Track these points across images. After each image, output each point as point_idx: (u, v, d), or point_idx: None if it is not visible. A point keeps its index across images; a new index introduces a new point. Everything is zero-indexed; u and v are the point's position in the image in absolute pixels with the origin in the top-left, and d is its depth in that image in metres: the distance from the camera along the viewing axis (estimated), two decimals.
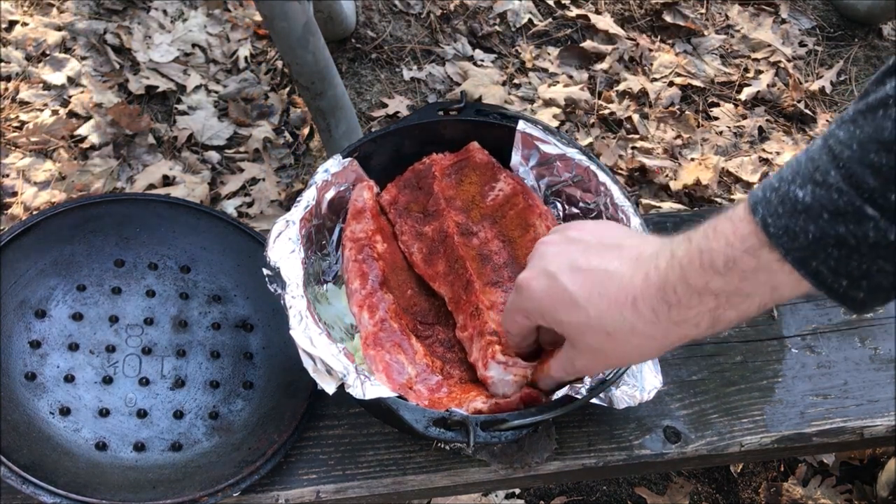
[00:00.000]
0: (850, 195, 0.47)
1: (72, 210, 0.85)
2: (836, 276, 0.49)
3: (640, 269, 0.59)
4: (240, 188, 1.69)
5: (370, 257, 0.80)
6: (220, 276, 0.90)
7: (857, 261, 0.48)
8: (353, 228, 0.81)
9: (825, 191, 0.48)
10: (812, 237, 0.49)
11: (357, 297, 0.77)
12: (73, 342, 0.82)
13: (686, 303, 0.56)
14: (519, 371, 0.73)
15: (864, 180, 0.46)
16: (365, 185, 0.84)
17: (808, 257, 0.50)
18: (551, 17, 2.09)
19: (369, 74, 1.92)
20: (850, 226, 0.47)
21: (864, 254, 0.48)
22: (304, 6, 1.37)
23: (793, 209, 0.49)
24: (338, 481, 0.80)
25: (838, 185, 0.47)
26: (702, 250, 0.55)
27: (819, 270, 0.50)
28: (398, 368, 0.73)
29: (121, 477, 0.76)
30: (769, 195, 0.51)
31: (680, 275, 0.56)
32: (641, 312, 0.58)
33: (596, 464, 0.83)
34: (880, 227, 0.46)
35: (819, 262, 0.49)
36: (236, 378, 0.85)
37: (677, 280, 0.56)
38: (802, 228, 0.49)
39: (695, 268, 0.55)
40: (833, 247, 0.48)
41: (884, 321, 0.97)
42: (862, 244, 0.47)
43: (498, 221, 0.87)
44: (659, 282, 0.57)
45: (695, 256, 0.55)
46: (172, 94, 1.80)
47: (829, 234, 0.48)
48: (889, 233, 0.46)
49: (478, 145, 0.90)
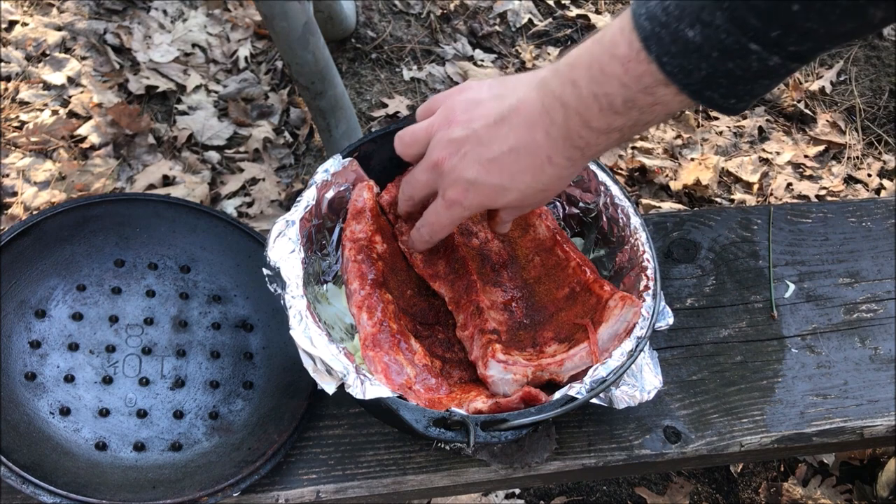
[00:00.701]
0: (736, 35, 0.52)
1: (72, 210, 0.85)
2: (726, 98, 0.57)
3: (540, 131, 0.64)
4: (240, 188, 1.69)
5: (370, 258, 0.80)
6: (220, 276, 0.90)
7: (744, 85, 0.56)
8: (352, 228, 0.81)
9: (713, 31, 0.53)
10: (705, 73, 0.55)
11: (356, 297, 0.77)
12: (73, 342, 0.82)
13: (594, 142, 0.63)
14: (519, 370, 0.73)
15: (747, 21, 0.51)
16: (365, 186, 0.84)
17: (702, 89, 0.56)
18: (551, 17, 2.09)
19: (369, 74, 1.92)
20: (737, 60, 0.53)
21: (748, 79, 0.55)
22: (304, 6, 1.37)
23: (685, 48, 0.54)
24: (338, 481, 0.80)
25: (725, 27, 0.52)
26: (597, 95, 0.59)
27: (712, 97, 0.57)
28: (397, 369, 0.73)
29: (121, 477, 0.76)
30: (659, 31, 0.55)
31: (581, 122, 0.61)
32: (559, 163, 0.65)
33: (596, 464, 0.83)
34: (763, 57, 0.53)
35: (712, 90, 0.56)
36: (236, 378, 0.85)
37: (580, 127, 0.61)
38: (696, 66, 0.55)
39: (594, 113, 0.60)
40: (723, 77, 0.55)
41: (884, 321, 0.97)
42: (747, 73, 0.54)
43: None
44: (563, 134, 0.63)
45: (591, 103, 0.60)
46: (172, 94, 1.80)
47: (720, 69, 0.54)
48: (769, 60, 0.53)
49: None
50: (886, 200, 1.09)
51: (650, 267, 0.80)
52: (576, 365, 0.74)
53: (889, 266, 1.02)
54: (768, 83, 0.56)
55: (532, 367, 0.74)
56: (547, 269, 0.84)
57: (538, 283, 0.84)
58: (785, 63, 0.54)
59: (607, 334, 0.74)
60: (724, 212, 1.05)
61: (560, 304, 0.81)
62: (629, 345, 0.73)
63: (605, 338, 0.74)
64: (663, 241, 1.01)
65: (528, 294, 0.84)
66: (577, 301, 0.80)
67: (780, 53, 0.53)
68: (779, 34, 0.51)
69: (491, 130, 0.66)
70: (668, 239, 1.01)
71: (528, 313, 0.82)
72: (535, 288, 0.84)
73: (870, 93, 2.12)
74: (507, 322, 0.81)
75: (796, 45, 0.52)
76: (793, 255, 1.01)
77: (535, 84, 0.64)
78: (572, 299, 0.80)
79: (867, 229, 1.05)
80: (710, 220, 1.03)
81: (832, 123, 2.04)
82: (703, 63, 0.54)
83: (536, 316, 0.82)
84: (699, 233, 1.02)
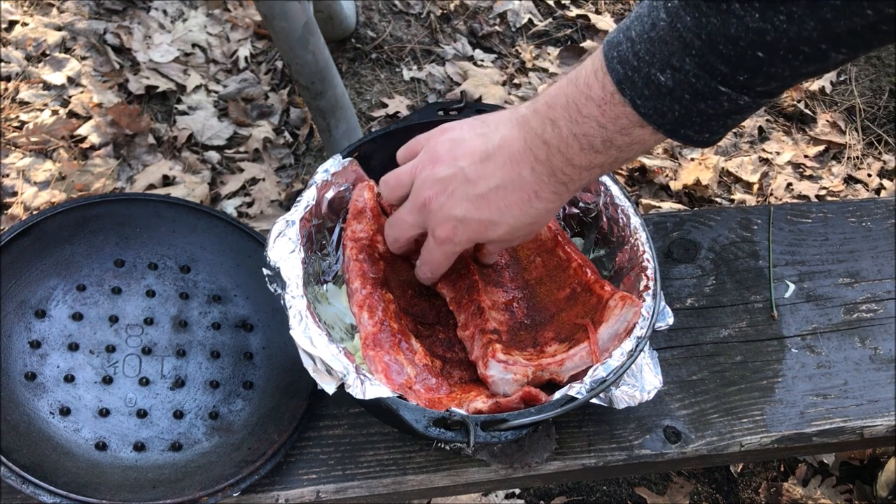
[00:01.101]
0: (705, 79, 0.54)
1: (72, 210, 0.85)
2: (701, 133, 0.59)
3: (525, 167, 0.65)
4: (240, 188, 1.69)
5: (371, 257, 0.80)
6: (220, 276, 0.90)
7: (716, 121, 0.58)
8: (353, 228, 0.81)
9: (683, 76, 0.55)
10: (678, 114, 0.57)
11: (357, 296, 0.77)
12: (73, 342, 0.82)
13: (577, 178, 0.65)
14: (519, 370, 0.73)
15: (715, 67, 0.54)
16: (366, 186, 0.84)
17: (677, 127, 0.58)
18: (551, 17, 2.09)
19: (369, 74, 1.92)
20: (708, 101, 0.56)
21: (720, 116, 0.58)
22: (304, 6, 1.37)
23: (658, 92, 0.56)
24: (338, 481, 0.80)
25: (695, 72, 0.54)
26: (576, 135, 0.61)
27: (687, 134, 0.59)
28: (397, 369, 0.73)
29: (121, 477, 0.76)
30: (632, 75, 0.57)
31: (563, 160, 0.63)
32: (546, 197, 0.66)
33: (596, 464, 0.83)
34: (733, 98, 0.55)
35: (686, 128, 0.59)
36: (236, 378, 0.85)
37: (563, 164, 0.64)
38: (669, 108, 0.57)
39: (575, 151, 0.62)
40: (696, 117, 0.57)
41: (884, 321, 0.97)
42: (719, 111, 0.57)
43: None
44: (548, 170, 0.64)
45: (572, 142, 0.62)
46: (172, 94, 1.80)
47: (692, 110, 0.57)
48: (739, 100, 0.56)
49: None
50: (886, 200, 1.09)
51: (650, 267, 0.80)
52: (576, 365, 0.74)
53: (889, 266, 1.02)
54: (740, 118, 0.59)
55: (532, 367, 0.74)
56: (548, 270, 0.84)
57: (539, 283, 0.84)
58: (755, 101, 0.56)
59: (607, 334, 0.74)
60: (724, 212, 1.05)
61: (561, 304, 0.81)
62: (629, 345, 0.73)
63: (605, 337, 0.74)
64: (663, 241, 1.01)
65: (529, 295, 0.84)
66: (577, 301, 0.80)
67: (749, 94, 0.55)
68: (746, 78, 0.54)
69: (477, 168, 0.67)
70: (668, 239, 1.01)
71: (529, 313, 0.82)
72: (536, 289, 0.84)
73: (870, 93, 2.12)
74: (508, 322, 0.81)
75: (764, 86, 0.55)
76: (793, 255, 1.01)
77: (515, 122, 0.66)
78: (573, 300, 0.80)
79: (867, 229, 1.05)
80: (710, 220, 1.03)
81: (832, 123, 2.04)
82: (676, 105, 0.57)
83: (537, 316, 0.82)
84: (699, 233, 1.02)
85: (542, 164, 0.64)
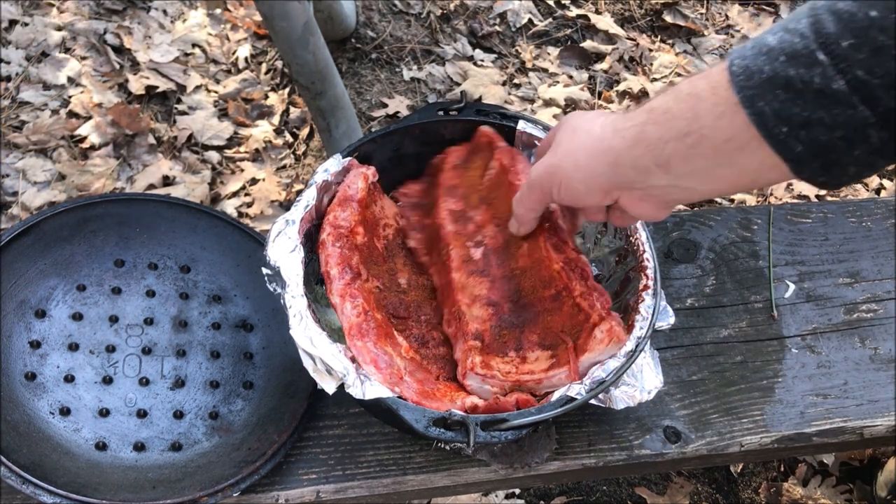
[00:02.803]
0: (808, 39, 0.49)
1: (72, 210, 0.85)
2: (778, 119, 0.51)
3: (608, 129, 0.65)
4: (240, 188, 1.69)
5: (346, 247, 0.79)
6: (219, 276, 0.90)
7: (800, 107, 0.50)
8: (336, 214, 0.80)
9: (790, 35, 0.50)
10: (765, 76, 0.51)
11: (336, 285, 0.76)
12: (73, 342, 0.82)
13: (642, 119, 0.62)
14: (496, 384, 0.74)
15: (825, 26, 0.48)
16: (360, 174, 0.83)
17: (756, 96, 0.52)
18: (551, 17, 2.09)
19: (369, 74, 1.92)
20: (800, 69, 0.49)
21: (807, 100, 0.50)
22: (304, 6, 1.37)
23: (758, 52, 0.52)
24: (338, 481, 0.80)
25: (802, 31, 0.50)
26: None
27: (763, 111, 0.52)
28: (386, 360, 0.73)
29: (121, 477, 0.76)
30: (747, 44, 0.54)
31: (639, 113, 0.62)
32: (603, 127, 0.65)
33: (596, 464, 0.83)
34: (827, 75, 0.48)
35: (765, 102, 0.52)
36: (236, 378, 0.85)
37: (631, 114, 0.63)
38: (759, 68, 0.52)
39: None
40: (781, 88, 0.51)
41: (884, 321, 0.97)
42: (807, 89, 0.49)
43: (492, 203, 0.86)
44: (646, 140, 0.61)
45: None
46: (172, 94, 1.80)
47: (780, 74, 0.50)
48: (832, 82, 0.48)
49: (485, 128, 0.89)
50: (886, 200, 1.09)
51: (650, 266, 0.79)
52: (553, 385, 0.74)
53: (889, 266, 1.02)
54: (828, 122, 0.51)
55: (510, 383, 0.74)
56: (533, 261, 0.81)
57: (524, 275, 0.81)
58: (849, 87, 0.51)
59: (589, 362, 0.73)
60: (724, 212, 1.05)
61: (546, 303, 0.79)
62: (630, 345, 0.73)
63: (586, 364, 0.74)
64: (663, 241, 1.01)
65: (514, 287, 0.81)
66: (563, 305, 0.78)
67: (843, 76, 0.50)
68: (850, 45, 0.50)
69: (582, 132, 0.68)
70: (668, 239, 1.01)
71: (515, 309, 0.80)
72: (521, 281, 0.81)
73: None
74: (492, 318, 0.79)
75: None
76: (793, 255, 1.01)
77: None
78: (558, 301, 0.78)
79: (867, 229, 1.05)
80: (710, 220, 1.03)
81: None
82: (767, 66, 0.52)
83: (523, 313, 0.80)
84: (699, 233, 1.02)
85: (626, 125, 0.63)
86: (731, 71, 0.53)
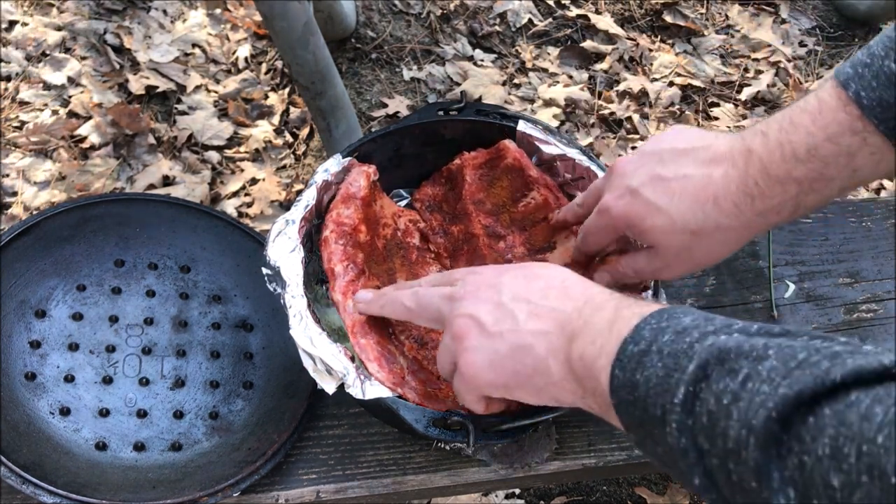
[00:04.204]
0: None
1: (72, 210, 0.85)
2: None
3: (719, 168, 0.62)
4: (240, 188, 1.69)
5: (350, 244, 0.79)
6: (219, 276, 0.90)
7: None
8: (339, 212, 0.80)
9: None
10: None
11: (339, 282, 0.76)
12: (73, 342, 0.82)
13: (769, 193, 0.60)
14: None
15: None
16: (363, 172, 0.83)
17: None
18: (551, 17, 2.09)
19: (369, 74, 1.92)
20: None
21: None
22: (304, 6, 1.37)
23: (888, 81, 0.52)
24: (338, 481, 0.80)
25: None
26: (781, 143, 0.58)
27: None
28: (390, 358, 0.73)
29: (121, 477, 0.76)
30: (861, 71, 0.54)
31: (760, 168, 0.59)
32: (723, 207, 0.62)
33: (596, 464, 0.83)
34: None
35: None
36: (236, 378, 0.85)
37: (758, 173, 0.60)
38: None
39: (775, 159, 0.59)
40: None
41: (884, 321, 0.97)
42: None
43: (527, 229, 0.87)
44: (739, 177, 0.61)
45: (774, 149, 0.59)
46: (172, 94, 1.80)
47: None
48: None
49: (512, 145, 0.88)
50: (886, 200, 1.09)
51: None
52: None
53: (889, 266, 1.02)
54: None
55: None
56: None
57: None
58: None
59: None
60: None
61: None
62: None
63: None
64: None
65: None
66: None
67: None
68: None
69: (675, 155, 0.65)
70: None
71: None
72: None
73: None
74: None
75: None
76: (793, 255, 1.01)
77: (734, 136, 0.65)
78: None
79: (867, 229, 1.05)
80: None
81: None
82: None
83: None
84: None
85: (736, 168, 0.62)
86: (864, 105, 0.55)
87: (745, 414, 0.39)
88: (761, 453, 0.38)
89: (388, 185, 0.90)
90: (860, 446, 0.34)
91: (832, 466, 0.35)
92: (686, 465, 0.43)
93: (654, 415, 0.45)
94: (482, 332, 0.60)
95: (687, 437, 0.43)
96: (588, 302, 0.57)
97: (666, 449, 0.45)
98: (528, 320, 0.58)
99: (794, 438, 0.37)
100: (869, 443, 0.34)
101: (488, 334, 0.59)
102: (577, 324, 0.55)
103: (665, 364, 0.46)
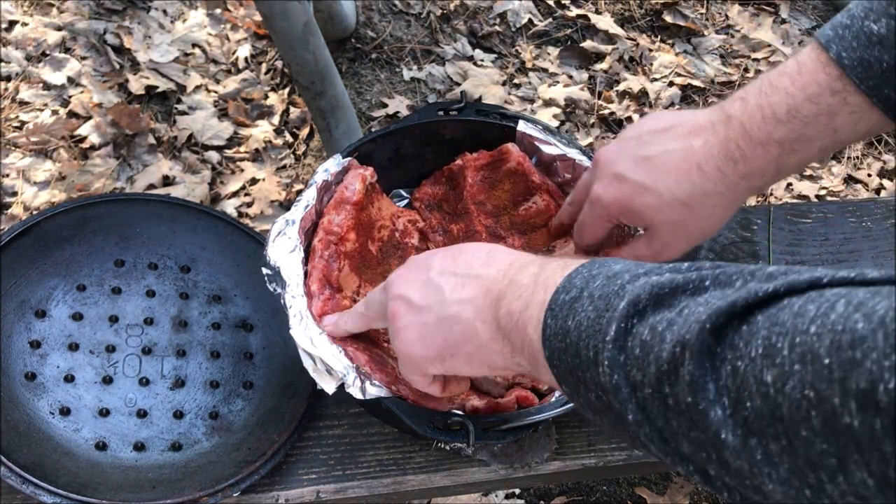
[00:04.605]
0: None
1: (72, 210, 0.85)
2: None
3: (699, 138, 0.63)
4: (240, 188, 1.69)
5: (336, 255, 0.79)
6: (219, 276, 0.90)
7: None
8: (330, 218, 0.80)
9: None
10: (886, 65, 0.53)
11: (316, 302, 0.75)
12: (73, 342, 0.82)
13: (751, 155, 0.61)
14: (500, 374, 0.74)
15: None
16: (359, 176, 0.82)
17: (881, 84, 0.54)
18: (551, 17, 2.09)
19: (369, 74, 1.92)
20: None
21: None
22: (304, 6, 1.37)
23: (868, 41, 0.53)
24: (338, 481, 0.80)
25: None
26: (761, 105, 0.59)
27: (890, 96, 0.54)
28: (380, 361, 0.73)
29: (121, 477, 0.76)
30: (842, 32, 0.55)
31: (741, 131, 0.60)
32: (708, 173, 0.63)
33: (596, 464, 0.83)
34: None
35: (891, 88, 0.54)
36: (236, 378, 0.85)
37: (738, 136, 0.60)
38: (877, 58, 0.53)
39: (756, 122, 0.59)
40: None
41: None
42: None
43: (527, 233, 0.88)
44: (720, 143, 0.61)
45: (755, 112, 0.59)
46: (172, 94, 1.80)
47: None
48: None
49: (515, 148, 0.88)
50: (886, 200, 1.09)
51: None
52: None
53: (889, 266, 1.01)
54: None
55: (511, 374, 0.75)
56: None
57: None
58: None
59: None
60: None
61: None
62: None
63: None
64: None
65: None
66: None
67: None
68: None
69: (656, 135, 0.66)
70: None
71: None
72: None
73: None
74: None
75: None
76: (793, 255, 1.01)
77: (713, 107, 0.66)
78: None
79: (867, 229, 1.05)
80: None
81: None
82: (886, 55, 0.53)
83: None
84: None
85: (716, 135, 0.62)
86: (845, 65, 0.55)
87: (678, 333, 0.39)
88: (696, 366, 0.38)
89: (388, 186, 0.90)
90: (793, 338, 0.34)
91: (765, 364, 0.34)
92: (619, 402, 0.43)
93: (586, 357, 0.45)
94: (410, 308, 0.60)
95: (619, 374, 0.43)
96: (512, 264, 0.57)
97: (598, 393, 0.45)
98: (454, 290, 0.58)
99: (728, 347, 0.37)
100: (802, 334, 0.33)
101: (417, 309, 0.60)
102: (501, 285, 0.56)
103: (596, 307, 0.46)
